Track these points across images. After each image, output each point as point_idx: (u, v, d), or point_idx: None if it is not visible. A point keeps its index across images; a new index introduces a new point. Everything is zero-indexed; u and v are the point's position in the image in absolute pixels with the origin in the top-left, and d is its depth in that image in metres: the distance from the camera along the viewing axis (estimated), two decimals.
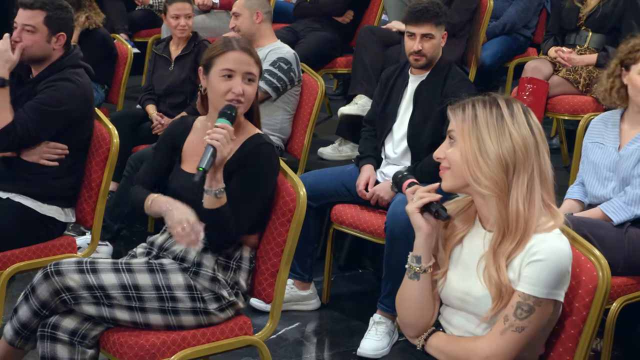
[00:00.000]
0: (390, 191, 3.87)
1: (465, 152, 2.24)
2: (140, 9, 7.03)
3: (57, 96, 3.43)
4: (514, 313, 2.20)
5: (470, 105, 2.27)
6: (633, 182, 3.42)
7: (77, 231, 4.51)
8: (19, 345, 2.84)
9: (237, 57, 2.82)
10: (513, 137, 2.22)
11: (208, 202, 2.72)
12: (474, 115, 2.25)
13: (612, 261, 2.51)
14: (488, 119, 2.24)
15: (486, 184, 2.22)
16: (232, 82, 2.80)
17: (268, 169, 2.86)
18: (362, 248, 4.57)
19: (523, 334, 2.21)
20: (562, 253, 2.21)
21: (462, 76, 4.02)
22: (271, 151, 2.86)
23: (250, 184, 2.81)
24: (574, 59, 4.92)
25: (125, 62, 5.49)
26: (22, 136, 3.38)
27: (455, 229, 2.36)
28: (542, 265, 2.19)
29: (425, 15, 3.93)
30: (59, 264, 2.76)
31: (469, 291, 2.30)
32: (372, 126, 4.17)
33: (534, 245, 2.21)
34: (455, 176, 2.29)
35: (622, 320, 3.36)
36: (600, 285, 2.31)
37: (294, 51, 4.83)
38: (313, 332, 3.96)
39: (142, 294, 2.76)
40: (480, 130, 2.23)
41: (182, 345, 2.78)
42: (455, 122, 2.28)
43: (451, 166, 2.29)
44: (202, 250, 2.84)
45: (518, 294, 2.21)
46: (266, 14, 4.87)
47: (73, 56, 3.58)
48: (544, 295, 2.20)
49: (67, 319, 2.75)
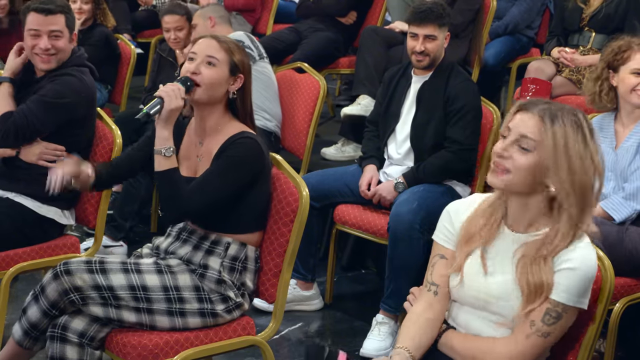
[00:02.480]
0: (393, 191, 3.88)
1: (541, 166, 2.21)
2: (144, 9, 7.05)
3: (58, 89, 3.43)
4: (542, 319, 2.22)
5: (561, 122, 2.22)
6: (630, 177, 3.44)
7: (80, 231, 4.51)
8: (28, 345, 2.85)
9: (200, 42, 2.90)
10: (594, 162, 2.23)
11: (158, 162, 2.77)
12: (565, 136, 2.21)
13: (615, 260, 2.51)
14: (577, 144, 2.21)
15: (565, 201, 2.22)
16: (191, 64, 2.86)
17: (244, 156, 2.82)
18: (365, 248, 4.57)
19: (547, 340, 2.24)
20: (591, 263, 2.24)
21: (464, 76, 4.02)
22: (252, 144, 2.84)
23: (221, 166, 2.81)
24: (577, 59, 4.92)
25: (129, 62, 5.50)
26: (21, 124, 3.36)
27: (488, 226, 2.34)
28: (574, 274, 2.21)
29: (429, 17, 3.92)
30: (68, 264, 2.77)
31: (491, 291, 2.29)
32: (375, 126, 4.17)
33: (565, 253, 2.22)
34: (514, 183, 2.26)
35: (625, 321, 3.36)
36: (604, 286, 2.33)
37: (241, 32, 4.89)
38: (316, 332, 3.96)
39: (150, 295, 2.76)
40: (570, 158, 2.20)
41: (185, 346, 2.78)
42: (539, 132, 2.22)
43: (514, 172, 2.25)
44: (207, 253, 2.86)
45: (549, 300, 2.22)
46: (219, 17, 4.99)
47: (78, 56, 3.59)
48: (572, 303, 2.22)
49: (77, 319, 2.76)
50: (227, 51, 2.87)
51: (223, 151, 2.82)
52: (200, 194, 2.78)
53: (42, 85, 3.47)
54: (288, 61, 5.45)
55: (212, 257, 2.85)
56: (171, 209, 2.83)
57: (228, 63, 2.86)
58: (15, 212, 3.43)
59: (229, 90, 2.88)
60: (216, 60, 2.85)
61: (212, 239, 2.88)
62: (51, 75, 3.48)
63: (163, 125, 2.76)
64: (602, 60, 3.65)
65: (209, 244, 2.87)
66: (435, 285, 2.40)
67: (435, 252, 2.43)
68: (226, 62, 2.86)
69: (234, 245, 2.87)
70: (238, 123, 2.92)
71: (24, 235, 3.44)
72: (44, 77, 3.49)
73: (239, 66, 2.88)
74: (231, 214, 2.86)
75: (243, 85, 2.91)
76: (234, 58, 2.87)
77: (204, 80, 2.83)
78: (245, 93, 2.92)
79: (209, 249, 2.87)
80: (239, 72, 2.88)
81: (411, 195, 3.76)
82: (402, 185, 3.88)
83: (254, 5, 6.45)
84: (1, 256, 3.36)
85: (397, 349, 2.34)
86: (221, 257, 2.85)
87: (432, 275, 2.41)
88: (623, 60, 3.55)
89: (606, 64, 3.62)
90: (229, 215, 2.86)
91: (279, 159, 3.01)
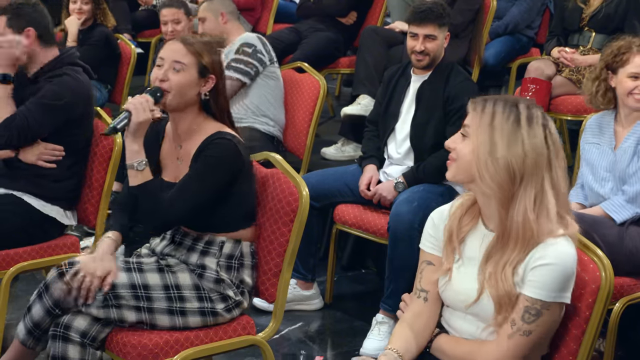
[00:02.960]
0: (393, 191, 3.88)
1: (476, 149, 2.23)
2: (144, 9, 7.07)
3: (56, 90, 3.43)
4: (522, 317, 2.20)
5: (491, 104, 2.25)
6: (630, 180, 3.43)
7: (80, 231, 4.52)
8: (31, 345, 2.86)
9: (167, 46, 2.88)
10: (525, 146, 2.19)
11: (132, 177, 2.76)
12: (492, 114, 2.23)
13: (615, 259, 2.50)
14: (504, 122, 2.21)
15: (491, 185, 2.22)
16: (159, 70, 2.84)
17: (220, 157, 2.79)
18: (365, 248, 4.57)
19: (531, 338, 2.21)
20: (567, 256, 2.21)
21: (464, 76, 4.02)
22: (227, 145, 2.81)
23: (199, 170, 2.79)
24: (577, 59, 4.93)
25: (129, 62, 5.51)
26: (21, 126, 3.36)
27: (462, 224, 2.35)
28: (549, 270, 2.19)
29: (429, 16, 3.93)
30: (73, 263, 2.77)
31: (469, 290, 2.29)
32: (375, 126, 4.18)
33: (538, 250, 2.20)
34: (460, 170, 2.28)
35: (625, 321, 3.36)
36: (603, 285, 2.31)
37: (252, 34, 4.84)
38: (316, 332, 3.97)
39: (151, 294, 2.77)
40: (493, 132, 2.21)
41: (185, 345, 2.79)
42: (472, 117, 2.27)
43: (458, 159, 2.28)
44: (202, 254, 2.86)
45: (525, 298, 2.21)
46: (230, 13, 4.92)
47: (69, 55, 3.58)
48: (551, 299, 2.20)
49: (79, 318, 2.76)
50: (195, 54, 2.83)
51: (200, 153, 2.81)
52: (181, 201, 2.76)
53: (39, 86, 3.47)
54: (288, 61, 5.45)
55: (207, 257, 2.86)
56: (153, 221, 2.81)
57: (196, 66, 2.83)
58: (20, 210, 3.44)
59: (200, 92, 2.86)
60: (183, 65, 2.82)
61: (205, 239, 2.88)
62: (46, 77, 3.48)
63: (132, 138, 2.74)
64: (602, 61, 3.65)
65: (203, 245, 2.88)
66: (424, 291, 2.40)
67: (423, 259, 2.43)
68: (194, 65, 2.83)
69: (228, 244, 2.87)
70: (215, 122, 2.90)
71: (26, 233, 3.44)
72: (38, 77, 3.49)
73: (209, 67, 2.85)
74: (219, 214, 2.85)
75: (215, 85, 2.87)
76: (202, 60, 2.83)
77: (172, 86, 2.81)
78: (218, 93, 2.89)
79: (204, 250, 2.87)
80: (209, 73, 2.85)
81: (411, 195, 3.76)
82: (402, 185, 3.88)
83: (254, 4, 6.46)
84: (1, 256, 3.37)
85: (386, 350, 2.35)
86: (217, 257, 2.86)
87: (421, 282, 2.42)
88: (622, 63, 3.54)
89: (605, 64, 3.61)
90: (217, 216, 2.85)
91: (279, 159, 3.02)
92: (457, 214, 2.36)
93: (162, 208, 2.75)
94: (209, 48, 2.87)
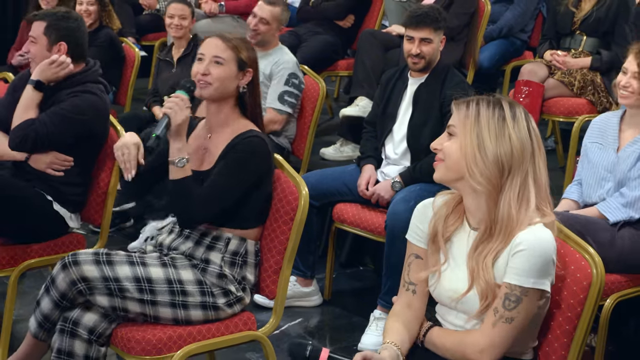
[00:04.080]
0: (391, 190, 3.91)
1: (464, 147, 2.26)
2: (148, 13, 7.07)
3: (80, 105, 3.46)
4: (503, 304, 2.23)
5: (474, 103, 2.29)
6: (630, 184, 3.42)
7: (85, 229, 4.56)
8: (43, 337, 2.91)
9: (207, 42, 2.99)
10: (512, 140, 2.24)
11: (172, 172, 2.83)
12: (477, 112, 2.27)
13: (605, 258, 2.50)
14: (490, 118, 2.26)
15: (480, 180, 2.25)
16: (200, 64, 2.95)
17: (251, 156, 2.89)
18: (363, 246, 4.57)
19: (513, 325, 2.23)
20: (544, 242, 2.23)
21: (460, 79, 4.04)
22: (259, 143, 2.92)
23: (230, 167, 2.87)
24: (568, 62, 4.96)
25: (133, 64, 5.54)
26: (40, 132, 3.39)
27: (447, 224, 2.37)
28: (526, 255, 2.21)
29: (425, 20, 3.96)
30: (76, 255, 2.82)
31: (458, 290, 2.32)
32: (373, 127, 4.19)
33: (517, 238, 2.24)
34: (449, 169, 2.31)
35: (615, 316, 3.37)
36: (594, 282, 2.33)
37: (295, 59, 4.84)
38: (315, 327, 3.99)
39: (154, 287, 2.81)
40: (481, 128, 2.25)
41: (188, 340, 2.82)
42: (458, 117, 2.30)
43: (446, 159, 2.31)
44: (208, 248, 2.91)
45: (505, 285, 2.23)
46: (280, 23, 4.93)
47: (94, 71, 3.60)
48: (529, 285, 2.21)
49: (88, 315, 2.81)
50: (233, 49, 2.97)
51: (230, 149, 2.89)
52: (214, 200, 2.85)
53: (59, 96, 3.48)
54: None
55: (213, 252, 2.91)
56: (185, 216, 2.88)
57: (235, 60, 2.96)
58: (39, 202, 3.46)
59: (239, 85, 2.98)
60: (223, 59, 2.94)
61: (213, 234, 2.93)
62: (72, 91, 3.49)
63: (175, 138, 2.83)
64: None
65: (210, 240, 2.93)
66: (412, 284, 2.42)
67: (410, 252, 2.45)
68: (233, 59, 2.96)
69: (234, 241, 2.93)
70: (246, 120, 2.99)
71: (37, 226, 3.46)
72: (60, 89, 3.51)
73: (246, 62, 2.98)
74: (234, 211, 2.91)
75: (252, 79, 3.00)
76: (240, 55, 2.97)
77: (214, 78, 2.92)
78: (254, 86, 3.01)
79: (210, 245, 2.92)
80: (247, 67, 2.98)
81: (408, 194, 3.78)
82: (399, 185, 3.91)
83: None
84: (10, 253, 3.39)
85: (385, 344, 2.36)
86: (222, 252, 2.91)
87: (409, 275, 2.43)
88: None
89: None
90: (232, 213, 2.91)
91: (279, 159, 3.05)
92: (442, 213, 2.38)
93: (194, 205, 2.83)
94: (245, 44, 3.01)
